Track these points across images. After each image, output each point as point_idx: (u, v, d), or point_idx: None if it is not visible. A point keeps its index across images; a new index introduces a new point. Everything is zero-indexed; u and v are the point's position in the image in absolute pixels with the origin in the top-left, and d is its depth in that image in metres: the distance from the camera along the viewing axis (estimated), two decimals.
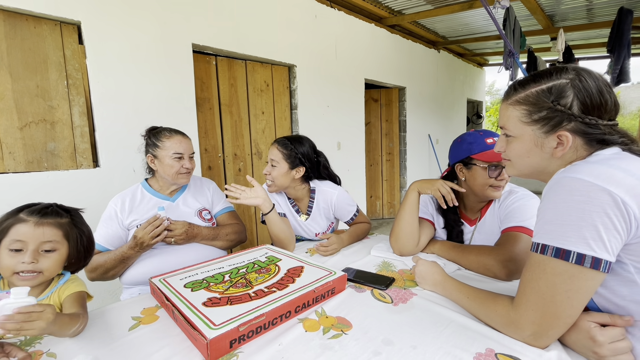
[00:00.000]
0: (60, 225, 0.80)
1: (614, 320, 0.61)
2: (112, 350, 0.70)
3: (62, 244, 0.79)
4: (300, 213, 1.50)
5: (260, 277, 0.93)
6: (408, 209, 1.16)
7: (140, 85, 2.08)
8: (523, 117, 0.70)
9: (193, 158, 1.40)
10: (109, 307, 0.90)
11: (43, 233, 0.76)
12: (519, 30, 3.65)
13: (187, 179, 1.38)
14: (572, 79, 0.65)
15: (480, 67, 7.37)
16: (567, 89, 0.65)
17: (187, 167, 1.34)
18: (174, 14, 2.22)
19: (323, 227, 1.52)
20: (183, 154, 1.33)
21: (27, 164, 1.76)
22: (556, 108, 0.66)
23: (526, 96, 0.70)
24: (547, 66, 5.12)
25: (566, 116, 0.65)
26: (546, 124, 0.68)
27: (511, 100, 0.73)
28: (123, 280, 1.25)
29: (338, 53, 3.54)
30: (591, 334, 0.61)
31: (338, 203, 1.48)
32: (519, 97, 0.71)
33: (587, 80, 0.65)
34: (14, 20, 1.69)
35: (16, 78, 1.71)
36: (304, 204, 1.51)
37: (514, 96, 0.72)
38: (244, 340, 0.70)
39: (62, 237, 0.79)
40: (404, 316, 0.80)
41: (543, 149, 0.69)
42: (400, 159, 4.88)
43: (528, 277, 0.64)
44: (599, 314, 0.63)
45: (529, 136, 0.70)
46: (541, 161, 0.71)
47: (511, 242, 1.00)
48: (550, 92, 0.67)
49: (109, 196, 1.38)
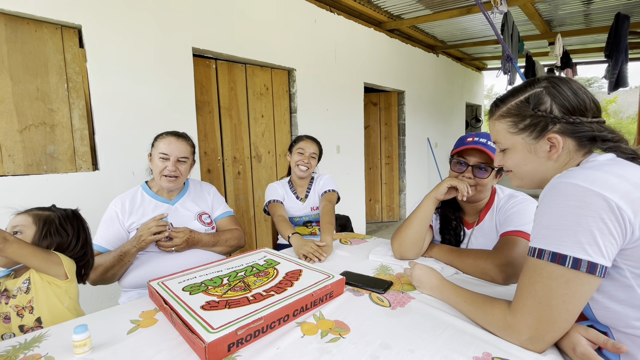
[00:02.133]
0: (37, 216, 0.94)
1: (605, 344, 0.61)
2: (111, 353, 0.70)
3: (29, 228, 0.93)
4: (299, 198, 1.82)
5: (259, 280, 0.93)
6: (420, 216, 1.14)
7: (140, 88, 2.09)
8: (510, 128, 0.74)
9: (185, 162, 1.33)
10: (107, 310, 0.90)
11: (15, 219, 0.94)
12: (517, 35, 3.68)
13: (170, 184, 1.30)
14: (545, 86, 0.70)
15: (479, 71, 7.41)
16: (543, 96, 0.70)
17: (169, 169, 1.28)
18: (174, 18, 2.23)
19: (318, 202, 1.82)
20: (168, 155, 1.28)
21: (27, 167, 1.76)
22: (537, 114, 0.69)
23: (508, 109, 0.74)
24: (546, 70, 5.16)
25: (550, 119, 0.69)
26: (533, 130, 0.71)
27: (496, 115, 0.77)
28: (122, 283, 1.25)
29: (337, 57, 3.56)
30: (576, 348, 0.62)
31: (325, 182, 1.83)
32: (501, 111, 0.75)
33: (560, 86, 0.69)
34: (15, 23, 1.70)
35: (16, 81, 1.72)
36: (303, 189, 1.84)
37: (497, 112, 0.77)
38: (242, 344, 0.70)
39: (31, 223, 0.93)
40: (402, 320, 0.80)
41: (537, 154, 0.72)
42: (399, 162, 4.89)
43: (525, 281, 0.65)
44: (596, 333, 0.63)
45: (520, 145, 0.73)
46: (539, 166, 0.72)
47: (509, 246, 1.00)
48: (528, 102, 0.71)
49: (108, 199, 1.38)
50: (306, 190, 1.83)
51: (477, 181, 1.10)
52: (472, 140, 1.10)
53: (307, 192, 1.82)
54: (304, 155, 1.74)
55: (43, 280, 0.89)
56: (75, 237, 0.98)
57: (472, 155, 1.10)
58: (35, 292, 0.87)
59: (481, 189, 1.11)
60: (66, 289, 0.92)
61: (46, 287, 0.89)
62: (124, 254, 1.18)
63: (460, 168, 1.13)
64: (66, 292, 0.92)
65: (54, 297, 0.89)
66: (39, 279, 0.88)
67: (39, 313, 0.87)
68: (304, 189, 1.84)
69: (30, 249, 0.85)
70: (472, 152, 1.10)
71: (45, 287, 0.88)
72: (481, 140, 1.08)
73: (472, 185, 1.10)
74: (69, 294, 0.93)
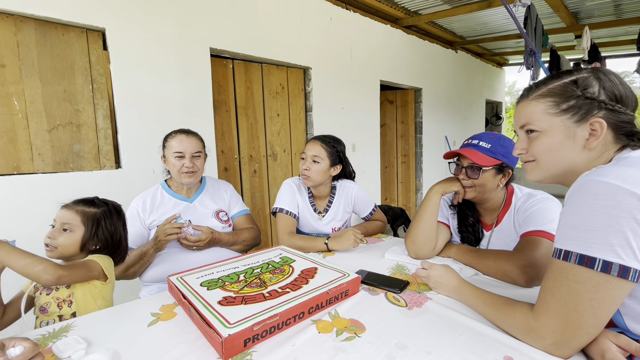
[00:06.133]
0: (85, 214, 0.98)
1: (637, 352, 0.58)
2: (132, 344, 0.72)
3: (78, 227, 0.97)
4: (317, 212, 1.51)
5: (275, 277, 0.94)
6: (429, 211, 1.14)
7: (160, 88, 2.15)
8: (549, 108, 0.68)
9: (199, 157, 1.36)
10: (130, 303, 0.93)
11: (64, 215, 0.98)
12: (541, 28, 3.53)
13: (190, 179, 1.34)
14: (592, 72, 0.67)
15: (500, 67, 7.19)
16: (592, 80, 0.66)
17: (187, 167, 1.31)
18: (193, 20, 2.28)
19: (341, 221, 1.53)
20: (183, 152, 1.32)
21: (55, 165, 1.84)
22: (585, 96, 0.65)
23: (550, 90, 0.69)
24: (572, 65, 4.93)
25: (596, 104, 0.65)
26: (576, 113, 0.66)
27: (533, 96, 0.72)
28: (143, 278, 1.29)
29: (353, 55, 3.54)
30: (605, 355, 0.59)
31: (358, 197, 1.54)
32: (541, 92, 0.70)
33: (607, 74, 0.66)
34: (44, 28, 1.78)
35: (45, 83, 1.80)
36: (323, 202, 1.53)
37: (535, 92, 0.71)
38: (258, 340, 0.71)
39: (80, 223, 0.97)
40: (419, 320, 0.79)
41: (575, 140, 0.66)
42: (416, 160, 4.82)
43: (549, 284, 0.62)
44: (627, 339, 0.60)
45: (558, 128, 0.67)
46: (572, 155, 0.67)
47: (531, 247, 0.96)
48: (576, 83, 0.67)
49: (130, 196, 1.43)
50: (327, 202, 1.52)
51: (473, 182, 1.10)
52: (466, 143, 1.13)
53: (328, 206, 1.51)
54: (304, 161, 1.44)
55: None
56: (119, 234, 1.04)
57: (465, 157, 1.11)
58: (74, 288, 0.93)
59: (481, 189, 1.10)
60: (101, 289, 0.97)
61: (84, 285, 0.94)
62: (143, 253, 1.22)
63: (457, 170, 1.15)
64: (101, 292, 0.97)
65: (89, 295, 0.94)
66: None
67: (76, 308, 0.92)
68: (324, 201, 1.52)
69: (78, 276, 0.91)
70: (466, 154, 1.10)
71: (84, 285, 0.94)
72: (473, 142, 1.11)
73: (471, 187, 1.11)
74: (103, 294, 0.98)
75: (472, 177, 1.09)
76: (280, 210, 1.44)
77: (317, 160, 1.42)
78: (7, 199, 1.67)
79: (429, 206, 1.14)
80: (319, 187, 1.49)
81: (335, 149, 1.46)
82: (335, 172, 1.47)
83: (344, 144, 1.53)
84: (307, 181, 1.45)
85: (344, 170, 1.54)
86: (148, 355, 0.68)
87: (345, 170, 1.54)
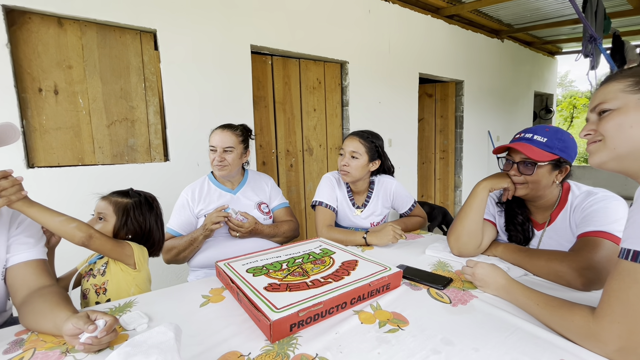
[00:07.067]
0: (117, 205, 1.03)
1: None
2: (188, 321, 0.78)
3: (111, 217, 1.02)
4: (356, 206, 1.52)
5: (316, 267, 0.96)
6: (475, 207, 1.09)
7: (204, 85, 2.26)
8: (627, 87, 0.65)
9: (231, 152, 1.38)
10: (181, 285, 1.00)
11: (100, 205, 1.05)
12: (603, 11, 3.21)
13: (222, 171, 1.39)
14: None
15: (552, 55, 6.64)
16: None
17: (217, 160, 1.37)
18: (235, 18, 2.36)
19: (380, 216, 1.53)
20: (216, 147, 1.38)
21: (112, 158, 2.01)
22: None
23: (633, 71, 0.66)
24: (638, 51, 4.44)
25: None
26: None
27: (613, 78, 0.68)
28: (191, 263, 1.38)
29: (391, 47, 3.46)
30: None
31: (397, 192, 1.53)
32: (623, 74, 0.67)
33: None
34: (104, 31, 1.94)
35: (105, 82, 1.96)
36: (362, 197, 1.53)
37: (616, 76, 0.68)
38: (303, 326, 0.73)
39: (112, 212, 1.02)
40: (464, 317, 0.77)
41: None
42: (455, 157, 4.63)
43: (614, 286, 0.58)
44: None
45: (634, 104, 0.63)
46: None
47: (590, 248, 0.89)
48: None
49: (177, 187, 1.52)
50: (365, 197, 1.53)
51: (525, 178, 1.03)
52: (518, 137, 1.06)
53: (367, 201, 1.52)
54: (342, 157, 1.45)
55: (117, 266, 1.00)
56: (148, 224, 1.08)
57: (517, 152, 1.04)
58: (109, 276, 0.99)
59: (534, 186, 1.03)
60: (134, 277, 1.01)
61: (118, 273, 0.99)
62: (193, 239, 1.30)
63: (507, 166, 1.08)
64: (134, 280, 1.02)
65: (123, 282, 0.99)
66: (113, 265, 1.00)
67: (110, 295, 0.98)
68: (362, 196, 1.52)
69: (110, 245, 0.95)
70: (519, 148, 1.01)
71: (117, 273, 0.99)
72: (526, 136, 1.03)
73: (523, 183, 1.04)
74: (137, 281, 1.02)
75: (525, 173, 1.02)
76: (319, 203, 1.46)
77: (355, 155, 1.42)
78: (73, 187, 1.86)
79: (475, 202, 1.09)
80: (358, 182, 1.49)
81: (373, 144, 1.45)
82: (374, 167, 1.47)
83: (382, 139, 1.52)
84: (346, 177, 1.45)
85: (383, 165, 1.53)
86: (203, 332, 0.73)
87: (384, 165, 1.53)
